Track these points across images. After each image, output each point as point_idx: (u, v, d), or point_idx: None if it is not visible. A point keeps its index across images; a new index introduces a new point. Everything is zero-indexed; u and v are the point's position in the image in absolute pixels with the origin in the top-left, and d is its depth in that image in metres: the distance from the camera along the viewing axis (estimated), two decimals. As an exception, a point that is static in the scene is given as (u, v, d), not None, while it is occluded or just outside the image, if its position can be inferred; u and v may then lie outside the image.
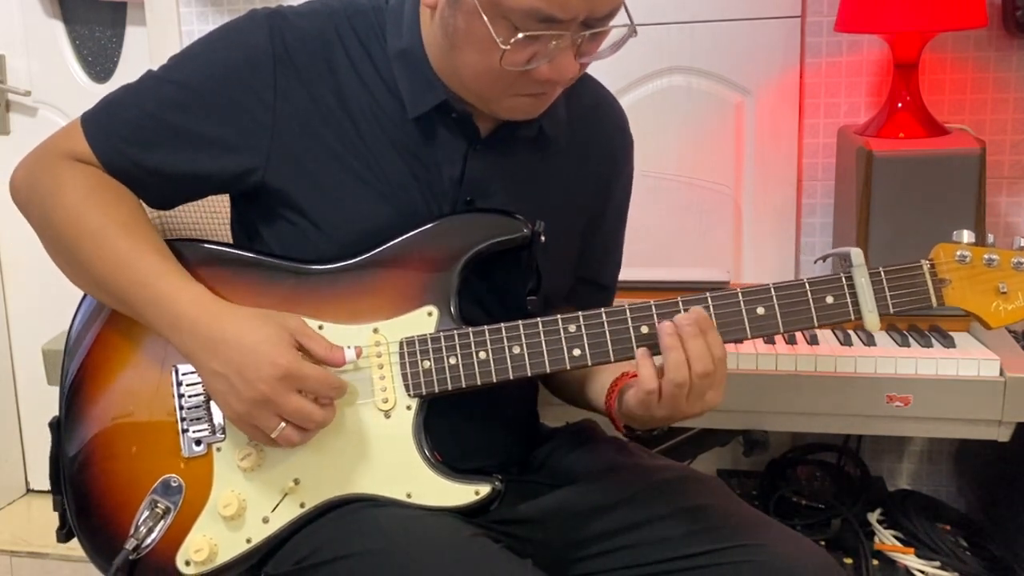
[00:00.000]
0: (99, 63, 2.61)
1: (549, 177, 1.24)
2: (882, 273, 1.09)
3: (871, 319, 1.09)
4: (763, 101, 2.00)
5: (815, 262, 1.24)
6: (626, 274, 1.41)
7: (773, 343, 1.59)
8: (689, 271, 1.82)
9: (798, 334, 1.62)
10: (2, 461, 2.78)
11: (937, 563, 1.69)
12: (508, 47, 1.02)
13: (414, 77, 1.15)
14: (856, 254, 1.10)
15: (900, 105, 1.76)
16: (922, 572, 1.69)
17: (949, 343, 1.56)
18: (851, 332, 1.63)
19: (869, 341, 1.59)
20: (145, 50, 2.40)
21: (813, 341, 1.60)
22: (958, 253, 1.09)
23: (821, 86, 1.98)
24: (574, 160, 1.25)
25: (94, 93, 2.55)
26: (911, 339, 1.59)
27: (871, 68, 1.96)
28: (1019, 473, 1.72)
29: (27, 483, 2.86)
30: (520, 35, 1.01)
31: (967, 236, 1.11)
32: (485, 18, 1.01)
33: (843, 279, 1.10)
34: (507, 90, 1.09)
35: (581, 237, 1.29)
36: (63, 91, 2.60)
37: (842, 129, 1.92)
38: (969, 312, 1.10)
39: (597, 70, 1.13)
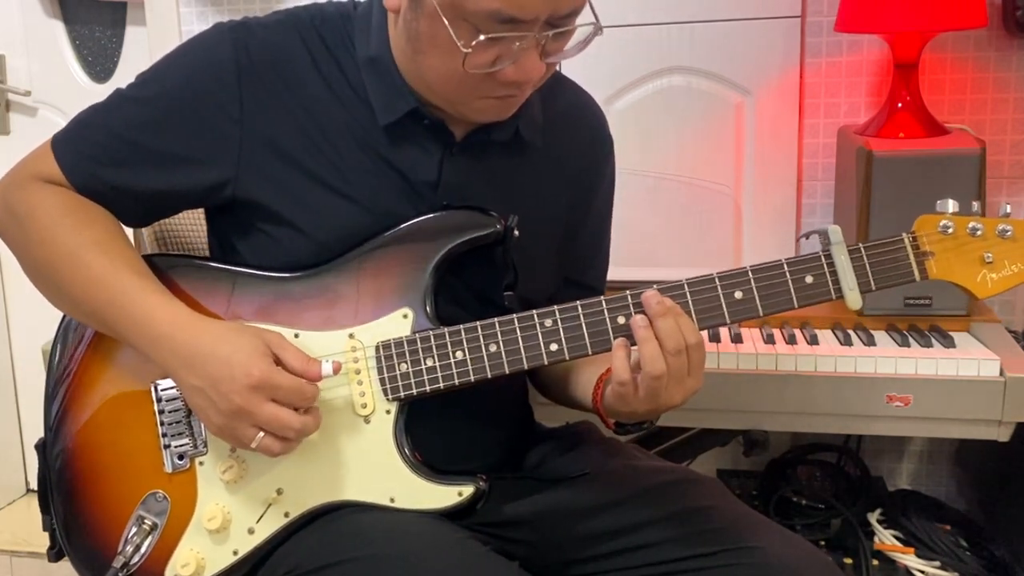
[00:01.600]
0: (99, 63, 2.61)
1: (527, 179, 1.23)
2: (862, 249, 1.06)
3: (852, 297, 1.06)
4: (763, 101, 1.99)
5: (797, 239, 1.22)
6: (625, 274, 1.41)
7: (773, 343, 1.59)
8: (689, 271, 1.81)
9: (798, 333, 1.62)
10: (2, 461, 2.78)
11: (937, 563, 1.69)
12: (470, 50, 1.00)
13: (384, 84, 1.14)
14: (834, 231, 1.06)
15: (900, 105, 1.76)
16: (922, 572, 1.69)
17: (949, 343, 1.56)
18: (851, 332, 1.63)
19: (869, 341, 1.59)
20: (145, 50, 2.40)
21: (813, 341, 1.60)
22: (941, 224, 1.05)
23: (821, 86, 1.98)
24: (552, 162, 1.24)
25: (94, 93, 2.55)
26: (911, 339, 1.59)
27: (871, 68, 1.96)
28: (1019, 473, 1.72)
29: (27, 483, 2.85)
30: (482, 37, 1.00)
31: (952, 206, 1.07)
32: (445, 21, 1.00)
33: (822, 257, 1.07)
34: (473, 93, 1.08)
35: (563, 239, 1.28)
36: (63, 91, 2.60)
37: (842, 129, 1.92)
38: (955, 284, 1.06)
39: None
